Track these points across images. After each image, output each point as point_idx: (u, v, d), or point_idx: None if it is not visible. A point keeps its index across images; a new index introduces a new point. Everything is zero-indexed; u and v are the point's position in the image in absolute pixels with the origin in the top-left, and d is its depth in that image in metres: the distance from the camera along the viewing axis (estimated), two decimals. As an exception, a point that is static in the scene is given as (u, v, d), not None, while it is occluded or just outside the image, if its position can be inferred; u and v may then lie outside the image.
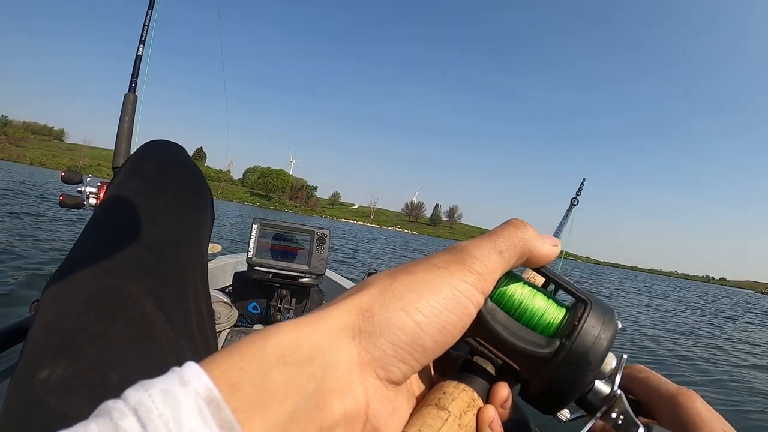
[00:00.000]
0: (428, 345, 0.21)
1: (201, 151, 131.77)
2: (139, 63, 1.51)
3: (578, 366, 0.25)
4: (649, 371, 0.35)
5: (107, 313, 0.43)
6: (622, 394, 0.28)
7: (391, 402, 0.22)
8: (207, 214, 0.69)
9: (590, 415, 0.29)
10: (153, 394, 0.16)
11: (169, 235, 0.56)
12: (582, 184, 0.77)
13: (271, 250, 1.36)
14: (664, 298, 16.57)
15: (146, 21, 1.56)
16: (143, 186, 0.61)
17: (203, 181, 0.71)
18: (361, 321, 0.21)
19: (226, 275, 2.07)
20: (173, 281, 0.52)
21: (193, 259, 0.58)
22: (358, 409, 0.20)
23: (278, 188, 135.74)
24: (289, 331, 0.19)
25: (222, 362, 0.17)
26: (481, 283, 0.23)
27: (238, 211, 35.00)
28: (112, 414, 0.15)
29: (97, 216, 0.58)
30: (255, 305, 1.49)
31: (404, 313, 0.21)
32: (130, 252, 0.50)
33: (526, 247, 0.26)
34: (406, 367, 0.21)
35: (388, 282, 0.22)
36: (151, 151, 0.69)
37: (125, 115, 1.42)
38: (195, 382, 0.16)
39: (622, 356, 0.28)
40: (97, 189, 1.09)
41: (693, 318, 10.05)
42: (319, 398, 0.18)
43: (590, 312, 0.26)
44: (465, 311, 0.23)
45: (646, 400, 0.34)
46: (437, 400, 0.25)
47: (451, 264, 0.23)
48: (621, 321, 0.27)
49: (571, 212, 0.73)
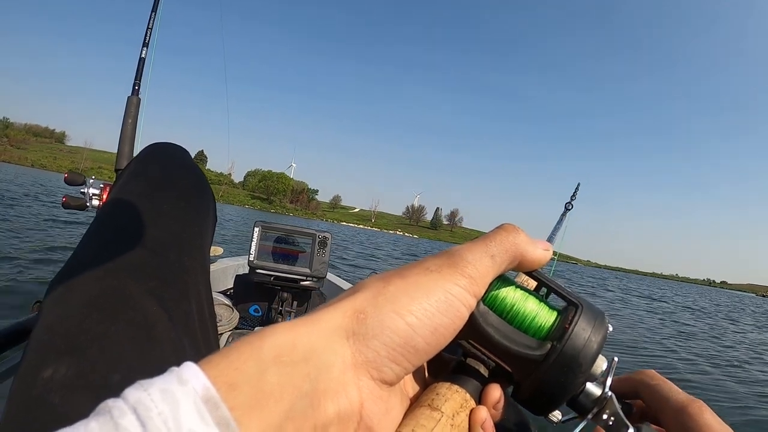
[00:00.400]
0: (421, 347, 0.22)
1: (202, 154, 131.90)
2: (143, 66, 1.52)
3: (569, 368, 0.25)
4: (660, 378, 0.35)
5: (110, 314, 0.44)
6: (613, 395, 0.29)
7: (385, 402, 0.22)
8: (209, 216, 0.70)
9: (582, 416, 0.29)
10: (152, 393, 0.16)
11: (171, 237, 0.57)
12: (576, 189, 0.77)
13: (272, 253, 1.36)
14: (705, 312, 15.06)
15: (149, 24, 1.57)
16: (146, 189, 0.61)
17: (206, 184, 0.71)
18: (355, 323, 0.21)
19: (227, 278, 2.07)
20: (175, 283, 0.52)
21: (196, 262, 0.58)
22: (352, 408, 0.20)
23: (279, 191, 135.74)
24: (284, 332, 0.20)
25: (219, 362, 0.18)
26: (473, 286, 0.24)
27: (239, 215, 34.98)
28: (112, 412, 0.16)
29: (100, 218, 0.58)
30: (256, 308, 1.50)
31: (397, 316, 0.21)
32: (133, 254, 0.51)
33: (518, 251, 0.26)
34: (399, 368, 0.22)
35: (381, 285, 0.23)
36: (155, 153, 0.70)
37: (128, 117, 1.42)
38: (193, 381, 0.17)
39: (613, 359, 0.29)
40: (100, 191, 1.10)
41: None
42: (314, 398, 0.19)
43: (581, 315, 0.26)
44: (457, 314, 0.23)
45: (654, 407, 0.34)
46: (430, 401, 0.25)
47: (443, 268, 0.24)
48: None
49: (566, 216, 0.74)
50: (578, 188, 0.78)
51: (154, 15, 1.57)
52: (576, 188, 0.77)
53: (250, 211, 75.90)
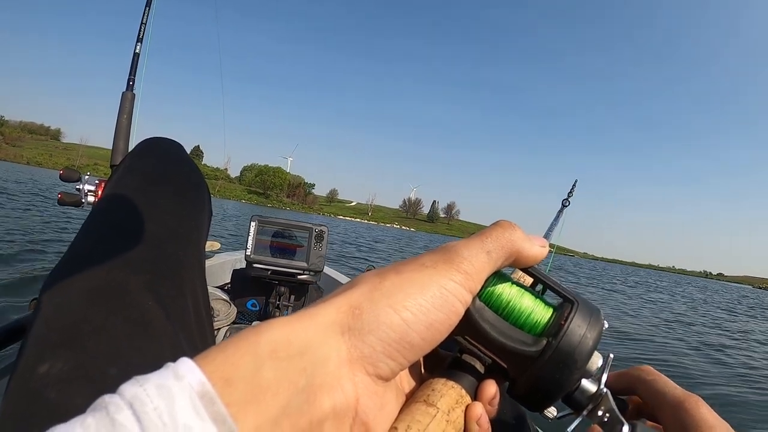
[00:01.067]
0: (416, 342, 0.22)
1: (198, 149, 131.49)
2: (137, 61, 1.51)
3: (564, 364, 0.26)
4: (657, 374, 0.35)
5: (106, 308, 0.44)
6: (608, 392, 0.29)
7: (380, 398, 0.23)
8: (205, 211, 0.70)
9: (577, 412, 0.29)
10: (148, 389, 0.16)
11: (167, 231, 0.57)
12: (574, 186, 0.77)
13: (269, 247, 1.36)
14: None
15: (144, 19, 1.56)
16: (141, 183, 0.61)
17: (201, 179, 0.71)
18: (351, 318, 0.21)
19: (225, 273, 2.07)
20: (171, 278, 0.52)
21: (191, 256, 0.58)
22: (347, 403, 0.21)
23: (275, 186, 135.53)
24: (280, 328, 0.20)
25: (215, 357, 0.18)
26: (469, 282, 0.24)
27: (236, 209, 34.86)
28: (109, 408, 0.16)
29: (96, 213, 0.58)
30: (254, 302, 1.50)
31: (392, 311, 0.22)
32: (129, 248, 0.51)
33: (514, 247, 0.26)
34: (394, 363, 0.22)
35: (377, 280, 0.23)
36: (149, 148, 0.70)
37: (123, 113, 1.41)
38: (189, 376, 0.17)
39: (609, 355, 0.29)
40: (96, 187, 1.10)
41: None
42: (310, 393, 0.19)
43: (576, 311, 0.27)
44: (452, 309, 0.23)
45: (651, 403, 0.34)
46: (426, 397, 0.25)
47: (439, 263, 0.24)
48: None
49: (562, 213, 0.73)
50: (575, 185, 0.77)
51: (148, 10, 1.56)
52: (573, 185, 0.77)
53: (247, 206, 75.76)
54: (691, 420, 0.30)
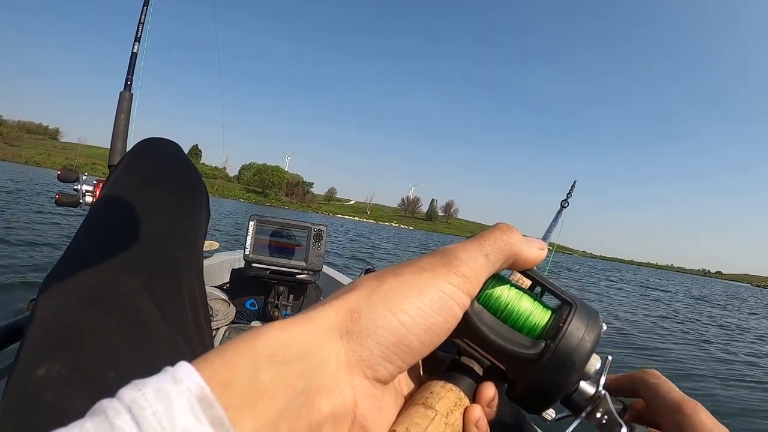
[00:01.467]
0: (414, 345, 0.22)
1: (196, 149, 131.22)
2: (135, 60, 1.51)
3: (563, 367, 0.26)
4: (660, 377, 0.35)
5: (103, 309, 0.44)
6: (606, 394, 0.29)
7: (379, 401, 0.22)
8: (202, 211, 0.70)
9: (575, 414, 0.30)
10: (146, 393, 0.16)
11: (164, 232, 0.57)
12: (573, 187, 0.77)
13: (268, 246, 1.36)
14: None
15: (141, 18, 1.55)
16: (139, 183, 0.61)
17: (199, 179, 0.71)
18: (349, 322, 0.21)
19: (223, 272, 2.07)
20: (169, 278, 0.52)
21: (189, 256, 0.58)
22: (345, 407, 0.20)
23: (274, 185, 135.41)
24: (278, 331, 0.20)
25: (214, 361, 0.18)
26: (467, 285, 0.24)
27: (234, 209, 34.80)
28: (107, 412, 0.16)
29: (93, 213, 0.58)
30: (252, 302, 1.50)
31: (390, 315, 0.21)
32: (126, 249, 0.51)
33: (512, 250, 0.26)
34: (392, 366, 0.22)
35: (375, 284, 0.23)
36: (147, 148, 0.70)
37: (121, 113, 1.41)
38: (187, 380, 0.17)
39: (607, 357, 0.29)
40: (93, 187, 1.09)
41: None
42: (308, 396, 0.19)
43: (575, 314, 0.27)
44: (450, 313, 0.23)
45: (652, 406, 0.34)
46: (424, 399, 0.25)
47: (437, 267, 0.24)
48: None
49: (561, 214, 0.73)
50: (574, 186, 0.77)
51: (145, 10, 1.56)
52: (572, 186, 0.77)
53: (245, 205, 75.71)
54: (689, 424, 0.30)
